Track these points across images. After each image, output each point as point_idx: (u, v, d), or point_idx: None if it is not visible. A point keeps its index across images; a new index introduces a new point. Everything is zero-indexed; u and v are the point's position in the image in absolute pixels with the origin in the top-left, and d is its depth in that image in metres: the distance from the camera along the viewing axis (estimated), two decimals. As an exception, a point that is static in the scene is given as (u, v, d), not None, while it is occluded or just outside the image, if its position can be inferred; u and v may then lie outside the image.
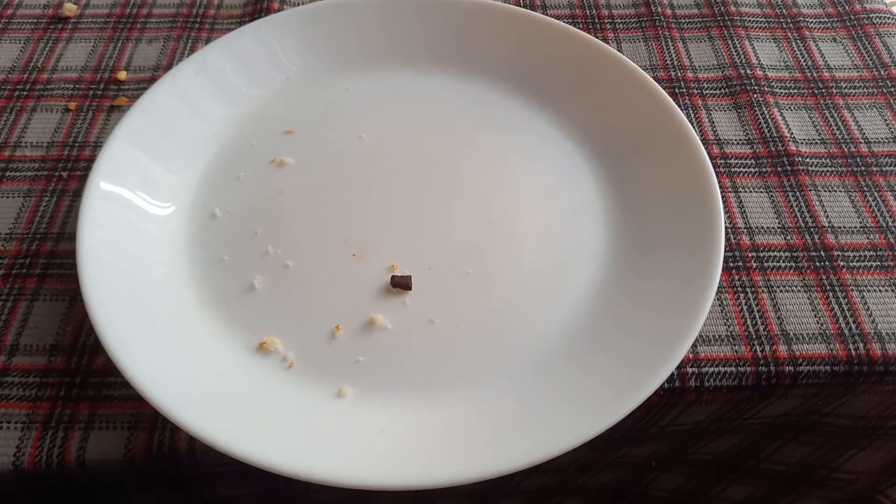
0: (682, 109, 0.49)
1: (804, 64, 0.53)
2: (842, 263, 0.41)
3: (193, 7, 0.57)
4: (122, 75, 0.51)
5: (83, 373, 0.37)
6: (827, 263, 0.41)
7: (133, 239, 0.40)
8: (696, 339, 0.38)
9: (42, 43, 0.54)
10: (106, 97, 0.50)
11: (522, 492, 0.48)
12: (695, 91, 0.51)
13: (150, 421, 0.35)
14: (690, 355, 0.38)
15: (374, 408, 0.36)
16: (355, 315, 0.38)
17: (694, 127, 0.48)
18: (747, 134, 0.48)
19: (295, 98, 0.48)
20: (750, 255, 0.42)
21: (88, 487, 0.36)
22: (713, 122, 0.49)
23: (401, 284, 0.39)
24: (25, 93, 0.50)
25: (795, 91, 0.51)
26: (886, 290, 0.40)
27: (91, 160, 0.46)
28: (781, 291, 0.40)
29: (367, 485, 0.32)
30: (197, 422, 0.32)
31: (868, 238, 0.42)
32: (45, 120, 0.49)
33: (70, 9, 0.56)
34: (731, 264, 0.41)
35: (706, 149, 0.47)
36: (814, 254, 0.42)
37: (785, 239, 0.43)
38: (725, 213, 0.44)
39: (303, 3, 0.56)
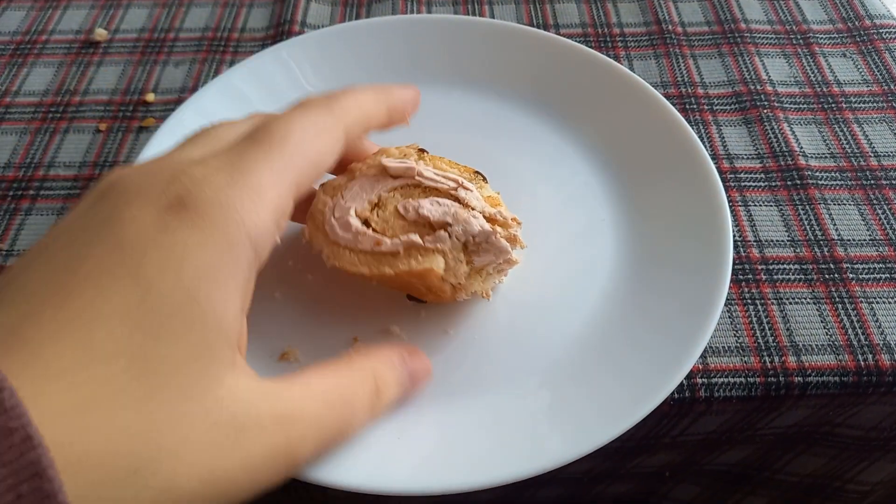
0: (692, 125, 0.50)
1: (814, 79, 0.53)
2: (851, 276, 0.42)
3: (218, 31, 0.59)
4: (151, 97, 0.54)
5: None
6: (836, 276, 0.42)
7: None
8: (706, 350, 0.39)
9: (74, 67, 0.56)
10: (135, 118, 0.52)
11: (538, 503, 0.49)
12: (705, 107, 0.52)
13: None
14: (700, 366, 0.39)
15: (390, 415, 0.37)
16: (372, 327, 0.40)
17: (704, 142, 0.49)
18: (757, 149, 0.49)
19: (315, 117, 0.50)
20: (759, 267, 0.43)
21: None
22: (723, 138, 0.50)
23: (416, 297, 0.40)
24: (59, 115, 0.53)
25: (805, 106, 0.52)
26: (895, 302, 0.41)
27: (121, 179, 0.48)
28: (791, 303, 0.41)
29: (384, 490, 0.33)
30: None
31: (877, 251, 0.43)
32: (78, 141, 0.51)
33: (101, 34, 0.58)
34: (741, 277, 0.42)
35: (716, 164, 0.48)
36: (823, 266, 0.42)
37: (794, 252, 0.43)
38: (735, 226, 0.44)
39: (322, 26, 0.58)
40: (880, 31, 0.57)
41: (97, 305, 0.22)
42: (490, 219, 0.37)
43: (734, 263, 0.42)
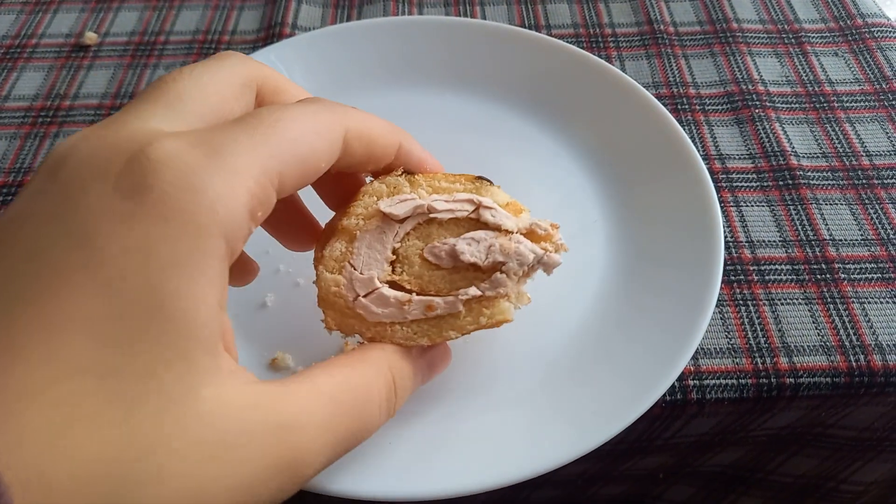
0: (684, 125, 0.50)
1: (806, 78, 0.53)
2: (843, 276, 0.42)
3: (209, 34, 0.59)
4: (141, 101, 0.53)
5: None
6: (828, 276, 0.42)
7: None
8: (698, 352, 0.39)
9: (64, 71, 0.56)
10: (125, 122, 0.52)
11: (532, 504, 0.49)
12: (697, 107, 0.52)
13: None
14: (692, 368, 0.38)
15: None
16: (364, 331, 0.40)
17: (696, 142, 0.49)
18: (749, 149, 0.49)
19: (306, 120, 0.50)
20: (751, 268, 0.42)
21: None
22: (715, 138, 0.50)
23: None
24: (49, 119, 0.52)
25: (797, 105, 0.52)
26: (887, 302, 0.40)
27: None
28: (782, 304, 0.41)
29: (378, 496, 0.33)
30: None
31: (869, 250, 0.43)
32: (68, 145, 0.51)
33: (91, 37, 0.58)
34: (733, 277, 0.42)
35: (708, 164, 0.48)
36: (815, 266, 0.42)
37: (786, 252, 0.43)
38: (727, 227, 0.44)
39: (314, 28, 0.58)
40: (872, 30, 0.56)
41: (61, 317, 0.20)
42: (530, 234, 0.32)
43: (726, 264, 0.42)
